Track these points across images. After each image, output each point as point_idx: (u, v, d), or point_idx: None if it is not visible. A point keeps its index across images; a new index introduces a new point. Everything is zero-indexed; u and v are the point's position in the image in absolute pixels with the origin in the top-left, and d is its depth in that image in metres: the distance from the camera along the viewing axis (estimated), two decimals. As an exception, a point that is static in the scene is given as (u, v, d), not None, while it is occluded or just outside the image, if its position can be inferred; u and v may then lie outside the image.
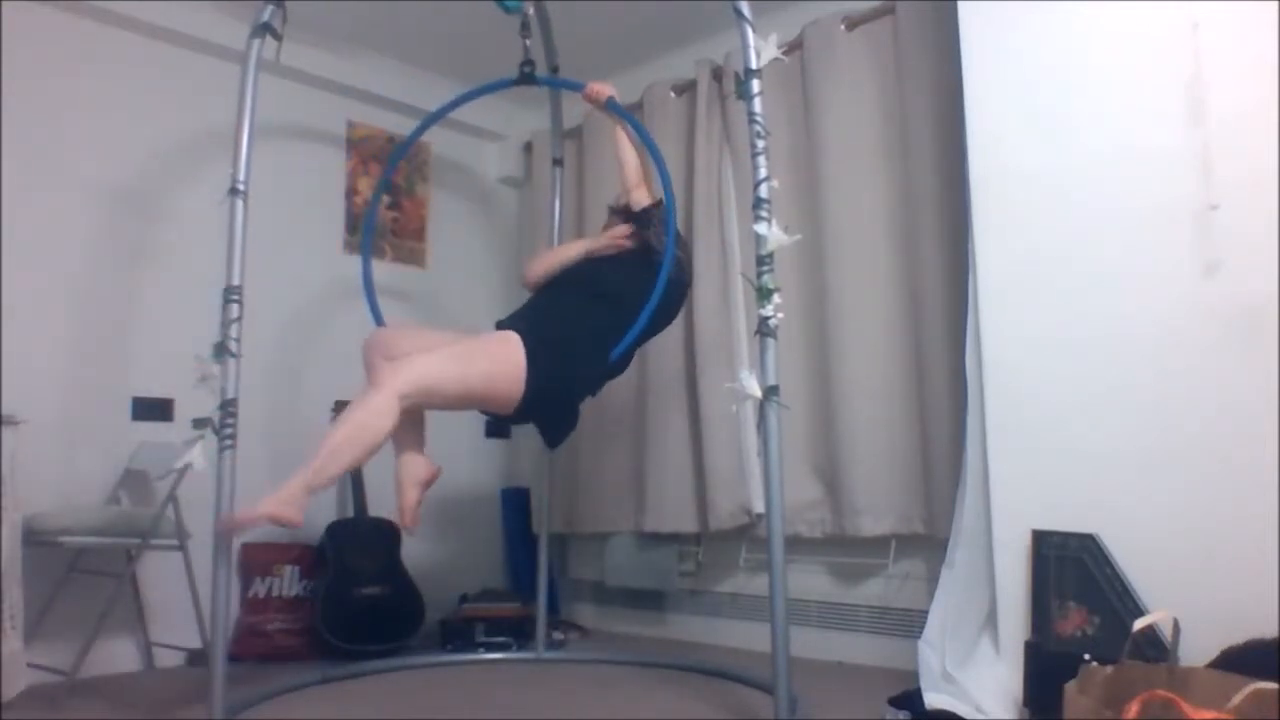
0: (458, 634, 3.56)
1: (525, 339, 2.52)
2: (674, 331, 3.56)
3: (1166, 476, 2.16)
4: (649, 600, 3.85)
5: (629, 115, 2.86)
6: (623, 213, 3.00)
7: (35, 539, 2.78)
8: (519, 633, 3.53)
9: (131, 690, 2.92)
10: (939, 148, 2.99)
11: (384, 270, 4.05)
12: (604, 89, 2.88)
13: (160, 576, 3.20)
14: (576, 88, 3.00)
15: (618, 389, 3.77)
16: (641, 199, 2.90)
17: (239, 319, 2.36)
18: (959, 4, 2.61)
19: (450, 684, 3.02)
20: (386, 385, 2.33)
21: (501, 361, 2.48)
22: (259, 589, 3.46)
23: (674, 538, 3.65)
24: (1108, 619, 2.17)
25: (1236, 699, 1.65)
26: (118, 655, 3.15)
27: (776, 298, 2.31)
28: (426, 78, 4.07)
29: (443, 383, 2.42)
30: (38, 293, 3.11)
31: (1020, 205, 2.45)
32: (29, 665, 2.62)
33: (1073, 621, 2.23)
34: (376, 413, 2.31)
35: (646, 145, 2.84)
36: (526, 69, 3.05)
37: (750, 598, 3.52)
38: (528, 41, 3.03)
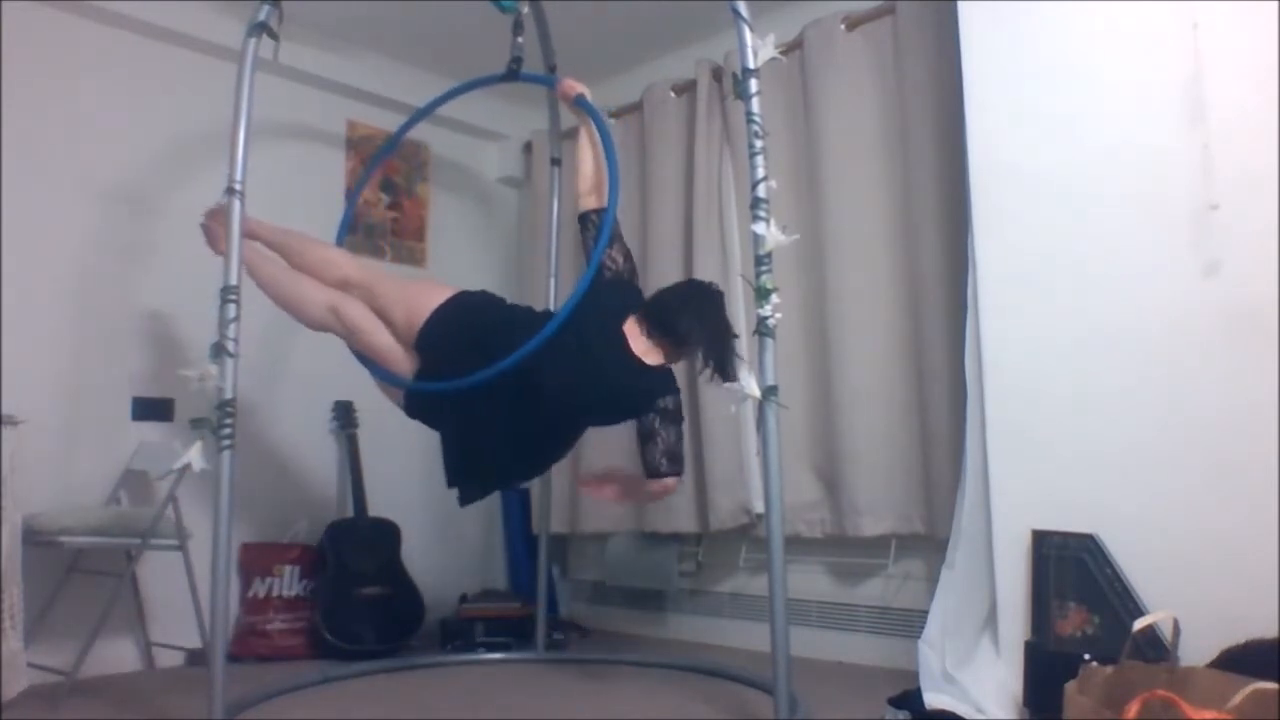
0: (458, 634, 3.55)
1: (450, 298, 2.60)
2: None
3: (1166, 476, 2.16)
4: (649, 600, 3.84)
5: (596, 113, 2.77)
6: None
7: (35, 539, 2.78)
8: (519, 633, 3.53)
9: (131, 690, 2.92)
10: (939, 147, 2.99)
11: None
12: (574, 85, 2.84)
13: (160, 576, 3.20)
14: (550, 84, 2.99)
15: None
16: (589, 205, 2.74)
17: (236, 319, 2.35)
18: (959, 4, 2.61)
19: (450, 684, 3.02)
20: (349, 261, 2.79)
21: (423, 298, 2.59)
22: (259, 589, 3.46)
23: (674, 538, 3.64)
24: (1108, 619, 2.17)
25: (1236, 699, 1.64)
26: (118, 655, 3.15)
27: (775, 298, 2.31)
28: (427, 78, 4.06)
29: (381, 288, 2.67)
30: (38, 293, 3.11)
31: (1020, 205, 2.45)
32: (29, 665, 2.62)
33: (1073, 621, 2.22)
34: (326, 262, 2.74)
35: (604, 144, 2.69)
36: (514, 66, 3.05)
37: (750, 598, 3.51)
38: (520, 39, 3.04)
